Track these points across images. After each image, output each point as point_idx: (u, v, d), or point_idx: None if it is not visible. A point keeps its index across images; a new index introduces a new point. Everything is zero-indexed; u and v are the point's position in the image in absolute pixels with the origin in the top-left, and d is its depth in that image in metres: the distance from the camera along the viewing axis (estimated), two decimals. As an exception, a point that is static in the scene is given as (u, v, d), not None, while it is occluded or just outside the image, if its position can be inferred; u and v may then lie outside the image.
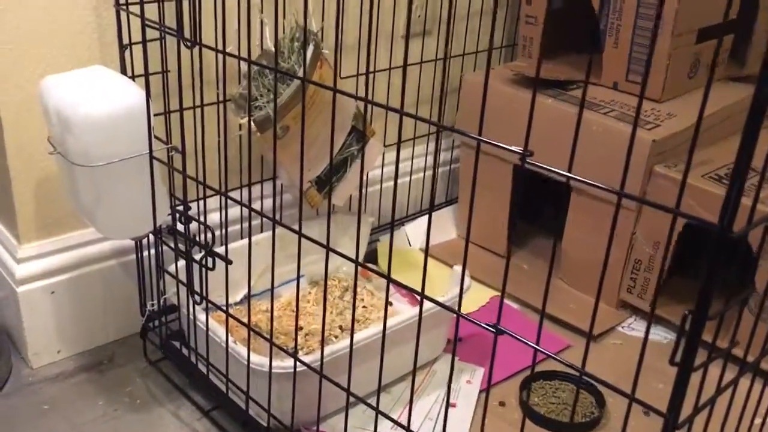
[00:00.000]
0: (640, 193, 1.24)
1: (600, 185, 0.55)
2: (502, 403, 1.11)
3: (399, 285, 0.75)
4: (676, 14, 1.28)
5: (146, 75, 0.91)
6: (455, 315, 0.71)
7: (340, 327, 1.21)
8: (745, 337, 0.72)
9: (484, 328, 0.64)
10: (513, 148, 0.58)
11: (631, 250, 1.30)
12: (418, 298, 1.29)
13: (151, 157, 0.90)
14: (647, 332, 0.59)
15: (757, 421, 0.79)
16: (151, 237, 1.05)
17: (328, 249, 0.75)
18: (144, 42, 0.89)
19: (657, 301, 1.30)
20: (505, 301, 1.39)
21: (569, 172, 0.57)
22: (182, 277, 1.00)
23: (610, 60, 1.37)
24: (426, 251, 0.71)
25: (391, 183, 1.52)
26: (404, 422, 0.78)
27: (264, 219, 1.27)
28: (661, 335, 1.30)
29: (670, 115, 1.30)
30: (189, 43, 0.82)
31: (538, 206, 1.61)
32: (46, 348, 1.14)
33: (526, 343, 0.61)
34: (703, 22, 1.35)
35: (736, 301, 0.52)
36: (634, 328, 1.33)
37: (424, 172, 1.57)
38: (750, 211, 0.55)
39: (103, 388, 1.11)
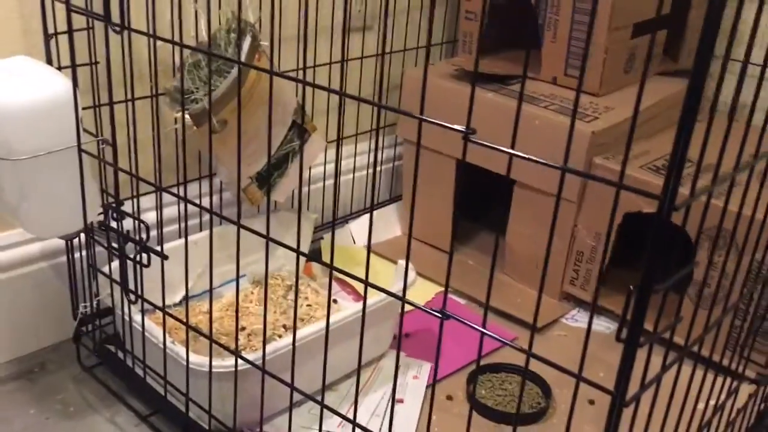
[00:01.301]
0: (580, 185, 1.25)
1: (542, 161, 0.54)
2: (449, 397, 1.10)
3: (344, 274, 0.73)
4: (612, 9, 1.30)
5: (73, 65, 0.87)
6: (401, 310, 0.70)
7: (284, 326, 1.18)
8: (686, 327, 0.73)
9: (430, 313, 0.62)
10: (456, 126, 0.57)
11: (573, 243, 1.31)
12: (362, 294, 1.28)
13: (80, 150, 0.86)
14: (591, 318, 0.59)
15: (701, 405, 0.80)
16: (83, 237, 1.00)
17: (269, 239, 0.72)
18: (70, 30, 0.85)
19: (599, 292, 1.32)
20: (451, 296, 1.40)
21: (510, 157, 0.57)
22: (117, 277, 0.96)
23: (549, 55, 1.38)
24: (369, 242, 0.69)
25: (331, 181, 1.50)
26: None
27: (203, 218, 1.24)
28: (604, 326, 1.32)
29: (608, 109, 1.32)
30: (117, 28, 0.78)
31: (483, 205, 1.61)
32: (-29, 356, 1.08)
33: (474, 327, 0.60)
34: (638, 17, 1.37)
35: (680, 276, 0.52)
36: (578, 319, 1.34)
37: (368, 169, 1.55)
38: (690, 192, 0.55)
39: (35, 395, 1.05)
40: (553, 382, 1.12)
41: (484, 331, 0.59)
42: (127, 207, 0.97)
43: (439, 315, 0.61)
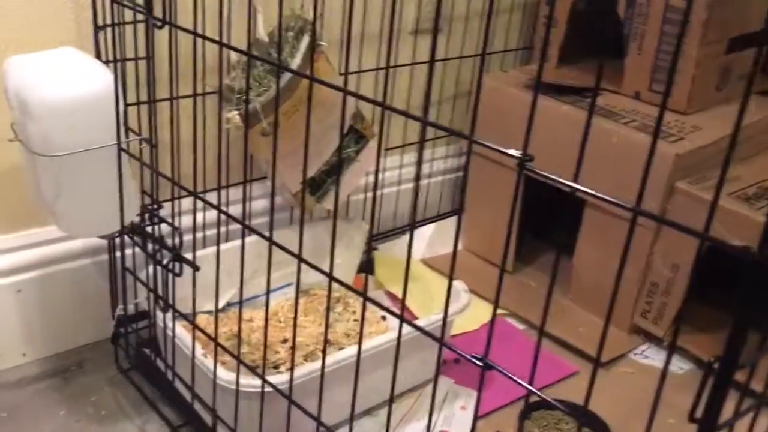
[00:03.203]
0: (659, 211, 1.14)
1: (610, 199, 0.46)
2: (498, 434, 1.02)
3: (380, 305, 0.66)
4: (706, 20, 1.18)
5: (116, 60, 0.83)
6: (451, 333, 0.63)
7: (329, 341, 1.12)
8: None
9: (470, 360, 0.55)
10: (511, 151, 0.49)
11: (648, 273, 1.20)
12: (414, 312, 1.21)
13: (119, 149, 0.82)
14: (667, 362, 0.49)
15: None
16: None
17: (300, 260, 0.66)
18: (114, 23, 0.81)
19: (672, 328, 1.20)
20: (510, 320, 1.31)
21: (574, 180, 0.48)
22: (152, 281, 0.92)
23: (633, 67, 1.28)
24: (407, 267, 0.62)
25: (393, 189, 1.43)
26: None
27: (255, 221, 1.19)
28: (676, 365, 1.20)
29: (695, 128, 1.20)
30: (159, 23, 0.74)
31: (549, 221, 1.51)
32: (10, 350, 1.06)
33: (517, 382, 0.52)
34: (735, 30, 1.25)
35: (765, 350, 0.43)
36: (647, 355, 1.23)
37: (429, 178, 1.48)
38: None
39: (68, 396, 1.03)
40: (614, 425, 1.01)
41: (530, 388, 0.51)
42: (168, 207, 0.92)
43: (480, 364, 0.54)
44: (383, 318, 1.21)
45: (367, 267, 1.31)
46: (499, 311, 1.30)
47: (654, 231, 1.17)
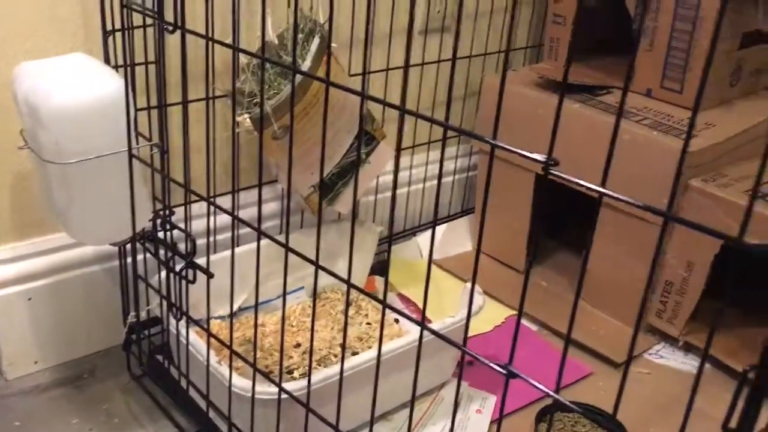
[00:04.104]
0: (673, 209, 1.13)
1: (644, 205, 0.45)
2: (514, 437, 1.01)
3: (397, 311, 0.65)
4: (717, 16, 1.17)
5: (126, 65, 0.82)
6: (467, 336, 0.62)
7: (341, 345, 1.11)
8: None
9: (492, 368, 0.54)
10: (536, 156, 0.48)
11: (662, 272, 1.18)
12: (428, 315, 1.20)
13: (131, 155, 0.81)
14: (699, 372, 0.48)
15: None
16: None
17: (317, 266, 0.65)
18: (123, 27, 0.80)
19: (687, 327, 1.19)
20: (523, 321, 1.30)
21: (602, 185, 0.47)
22: (164, 287, 0.91)
23: (644, 64, 1.26)
24: (428, 266, 0.61)
25: (403, 190, 1.42)
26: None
27: (266, 225, 1.18)
28: (692, 365, 1.19)
29: (709, 125, 1.19)
30: (170, 27, 0.73)
31: (561, 219, 1.50)
32: (22, 358, 1.05)
33: (542, 390, 0.51)
34: (749, 25, 1.23)
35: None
36: (663, 355, 1.22)
37: (439, 178, 1.46)
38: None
39: (80, 404, 1.02)
40: (632, 427, 1.00)
41: (556, 396, 0.50)
42: (180, 212, 0.91)
43: (504, 371, 0.53)
44: (396, 321, 1.20)
45: (380, 269, 1.31)
46: (512, 312, 1.29)
47: (668, 230, 1.15)
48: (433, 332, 0.60)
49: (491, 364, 0.54)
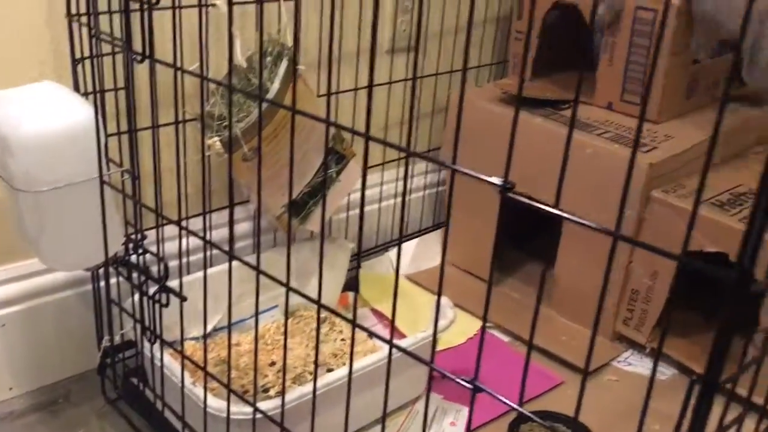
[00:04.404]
0: (636, 220, 1.17)
1: (593, 225, 0.47)
2: (488, 448, 1.03)
3: (366, 330, 0.67)
4: (674, 32, 1.21)
5: (95, 92, 0.83)
6: (438, 348, 0.64)
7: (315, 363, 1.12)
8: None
9: (458, 383, 0.56)
10: (493, 179, 0.50)
11: (628, 280, 1.22)
12: (401, 329, 1.22)
13: (102, 182, 0.82)
14: (653, 376, 0.51)
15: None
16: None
17: (289, 288, 0.67)
18: (92, 56, 0.81)
19: (653, 334, 1.22)
20: (494, 332, 1.32)
21: (557, 204, 0.50)
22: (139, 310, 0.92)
23: (605, 79, 1.30)
24: (396, 282, 0.63)
25: (374, 206, 1.44)
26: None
27: (234, 245, 1.19)
28: (661, 371, 1.22)
29: (668, 137, 1.23)
30: (138, 57, 0.74)
31: (529, 231, 1.53)
32: (-5, 385, 1.05)
33: (507, 404, 0.53)
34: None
35: (751, 363, 0.44)
36: (631, 362, 1.25)
37: (410, 194, 1.49)
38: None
39: (56, 429, 1.02)
40: (600, 434, 1.03)
41: (521, 409, 0.52)
42: (152, 234, 0.92)
43: (470, 386, 0.55)
44: (370, 336, 1.21)
45: (354, 285, 1.33)
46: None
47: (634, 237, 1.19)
48: (401, 349, 0.62)
49: (457, 380, 0.55)
